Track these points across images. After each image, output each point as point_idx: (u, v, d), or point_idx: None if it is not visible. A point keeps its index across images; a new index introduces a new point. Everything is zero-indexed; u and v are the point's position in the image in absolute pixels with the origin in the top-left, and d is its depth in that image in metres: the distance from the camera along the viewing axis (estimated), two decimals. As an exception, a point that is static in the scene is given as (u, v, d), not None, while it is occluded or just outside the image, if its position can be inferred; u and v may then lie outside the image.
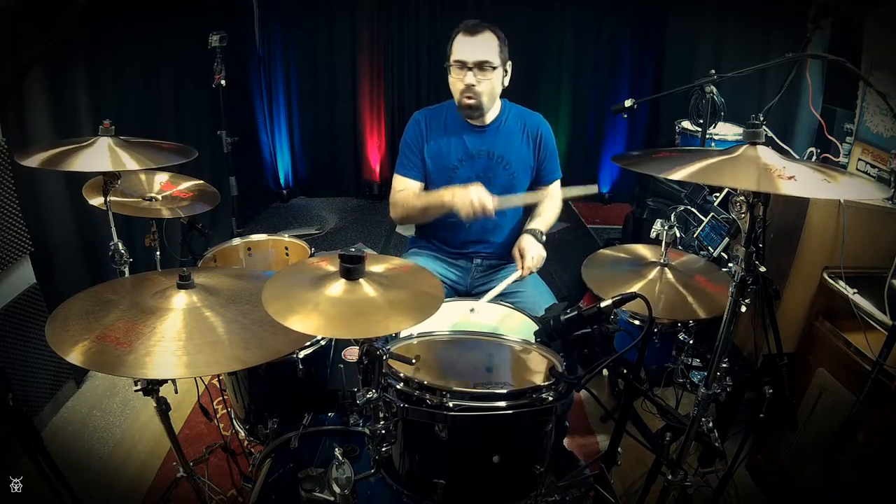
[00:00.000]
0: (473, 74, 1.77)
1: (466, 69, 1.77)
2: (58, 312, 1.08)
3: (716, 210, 2.15)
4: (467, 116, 1.88)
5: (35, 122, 2.20)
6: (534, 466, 1.21)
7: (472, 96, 1.80)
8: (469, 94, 1.80)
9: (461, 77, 1.78)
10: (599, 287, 1.48)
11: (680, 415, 1.33)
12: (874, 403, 1.48)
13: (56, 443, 2.10)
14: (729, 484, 1.56)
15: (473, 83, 1.78)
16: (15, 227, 2.02)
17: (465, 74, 1.77)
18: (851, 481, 1.56)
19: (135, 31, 2.82)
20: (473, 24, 1.79)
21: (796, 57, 2.48)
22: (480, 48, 1.77)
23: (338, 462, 1.09)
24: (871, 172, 2.10)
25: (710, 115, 2.49)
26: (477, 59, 1.76)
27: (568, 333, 1.24)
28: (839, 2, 2.51)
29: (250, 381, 1.58)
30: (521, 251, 1.80)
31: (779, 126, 2.80)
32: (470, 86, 1.78)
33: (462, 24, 1.81)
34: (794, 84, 2.69)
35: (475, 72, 1.77)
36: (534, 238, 1.83)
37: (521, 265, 1.78)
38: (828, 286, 1.76)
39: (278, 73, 4.70)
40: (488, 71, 1.78)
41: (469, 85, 1.78)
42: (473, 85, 1.78)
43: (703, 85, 2.38)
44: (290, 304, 1.00)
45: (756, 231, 1.07)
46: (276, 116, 4.80)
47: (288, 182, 4.99)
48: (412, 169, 1.94)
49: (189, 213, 1.73)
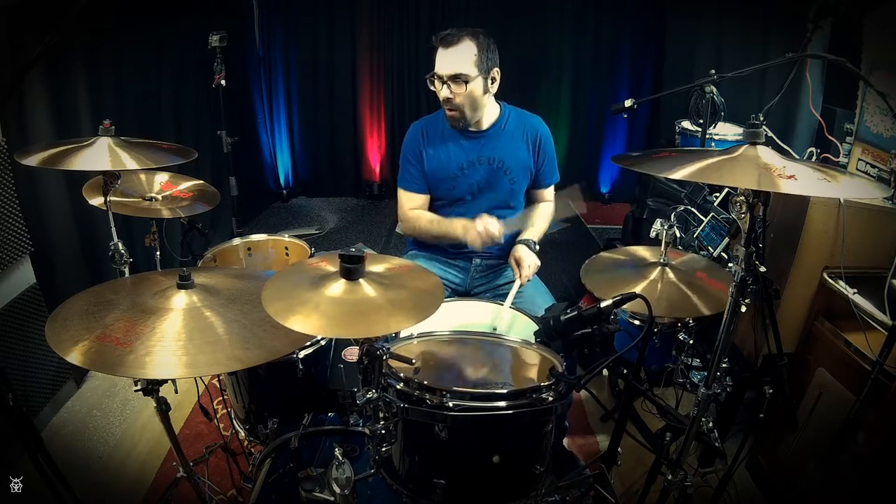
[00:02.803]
0: (448, 88, 1.75)
1: (442, 82, 1.76)
2: (58, 312, 1.08)
3: (716, 210, 2.15)
4: (453, 126, 1.87)
5: (35, 122, 2.20)
6: (534, 466, 1.21)
7: (452, 108, 1.80)
8: (449, 106, 1.80)
9: (438, 89, 1.78)
10: (600, 289, 1.48)
11: (680, 415, 1.33)
12: (874, 403, 1.48)
13: (56, 443, 2.10)
14: (729, 484, 1.57)
15: (450, 96, 1.76)
16: (15, 227, 2.02)
17: (442, 88, 1.76)
18: (851, 481, 1.55)
19: (135, 31, 2.82)
20: (449, 35, 1.74)
21: (796, 57, 2.48)
22: (454, 61, 1.72)
23: (338, 462, 1.09)
24: (871, 172, 2.10)
25: (710, 115, 2.49)
26: (450, 73, 1.73)
27: (568, 333, 1.24)
28: (839, 2, 2.52)
29: (250, 381, 1.58)
30: (518, 261, 1.81)
31: (779, 126, 2.81)
32: (447, 99, 1.77)
33: (440, 34, 1.77)
34: (794, 84, 2.70)
35: (450, 85, 1.74)
36: (528, 248, 1.83)
37: (519, 274, 1.78)
38: (828, 286, 1.75)
39: (278, 73, 4.70)
40: (462, 84, 1.73)
41: (446, 98, 1.77)
42: (451, 98, 1.76)
43: (703, 85, 2.38)
44: (291, 304, 1.00)
45: (756, 231, 1.07)
46: (276, 116, 4.80)
47: (288, 182, 4.99)
48: (415, 182, 1.93)
49: (189, 213, 1.73)
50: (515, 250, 1.83)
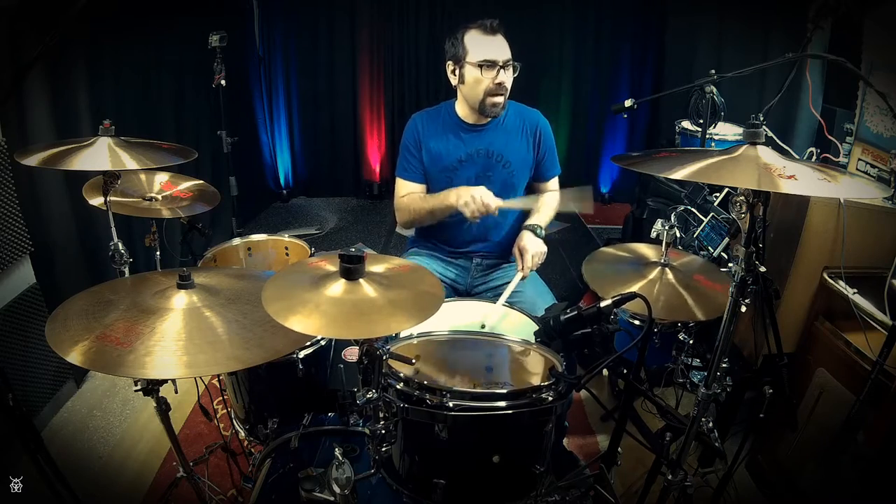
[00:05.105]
0: (504, 72, 1.78)
1: (497, 68, 1.77)
2: (58, 312, 1.08)
3: (716, 210, 2.15)
4: (493, 115, 1.87)
5: (35, 122, 2.20)
6: (534, 466, 1.21)
7: (502, 94, 1.81)
8: (501, 91, 1.81)
9: (491, 76, 1.78)
10: (600, 286, 1.48)
11: (680, 415, 1.33)
12: (874, 403, 1.48)
13: (56, 443, 2.10)
14: (729, 484, 1.56)
15: (505, 80, 1.79)
16: (15, 227, 2.02)
17: (497, 73, 1.78)
18: (851, 481, 1.56)
19: (135, 31, 2.82)
20: (494, 24, 1.79)
21: (796, 57, 2.48)
22: (504, 47, 1.79)
23: (338, 462, 1.09)
24: (871, 172, 2.10)
25: (710, 115, 2.49)
26: (506, 58, 1.78)
27: (568, 333, 1.24)
28: (839, 2, 2.52)
29: (250, 381, 1.58)
30: (521, 250, 1.79)
31: (779, 126, 2.80)
32: (501, 84, 1.79)
33: (477, 22, 1.80)
34: (794, 84, 2.69)
35: (504, 70, 1.78)
36: (533, 234, 1.82)
37: (521, 265, 1.77)
38: (828, 286, 1.75)
39: (278, 73, 4.70)
40: (510, 69, 1.80)
41: (501, 83, 1.79)
42: (503, 82, 1.79)
43: (703, 85, 2.38)
44: (291, 304, 1.00)
45: (756, 231, 1.07)
46: (276, 116, 4.79)
47: (288, 182, 4.99)
48: (413, 172, 1.94)
49: (189, 213, 1.73)
50: (520, 238, 1.82)
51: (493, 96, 1.81)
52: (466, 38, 1.80)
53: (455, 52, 1.83)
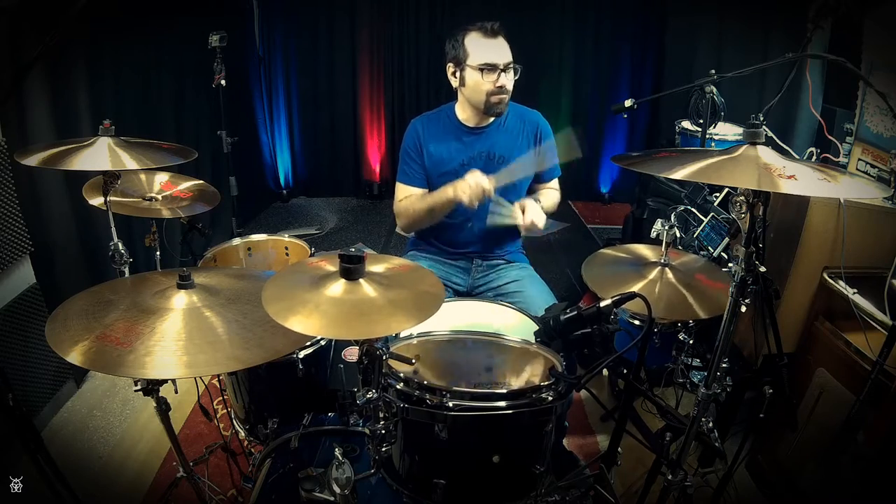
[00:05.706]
0: (505, 75, 1.79)
1: (498, 71, 1.78)
2: (58, 312, 1.08)
3: (716, 210, 2.15)
4: (498, 112, 1.87)
5: (35, 122, 2.20)
6: (534, 466, 1.21)
7: (504, 94, 1.81)
8: (502, 94, 1.81)
9: (492, 79, 1.78)
10: (599, 287, 1.48)
11: (680, 415, 1.33)
12: (874, 403, 1.48)
13: (56, 443, 2.10)
14: (729, 484, 1.56)
15: (506, 83, 1.80)
16: (15, 227, 2.02)
17: (498, 76, 1.78)
18: (851, 481, 1.55)
19: (135, 31, 2.82)
20: (495, 26, 1.79)
21: (796, 57, 2.48)
22: (505, 50, 1.79)
23: (338, 462, 1.09)
24: (871, 172, 2.10)
25: (710, 115, 2.49)
26: (507, 61, 1.78)
27: (568, 333, 1.24)
28: (839, 2, 2.52)
29: (250, 381, 1.58)
30: (523, 207, 1.79)
31: (779, 126, 2.80)
32: (502, 87, 1.79)
33: (478, 24, 1.80)
34: (794, 84, 2.69)
35: (505, 73, 1.79)
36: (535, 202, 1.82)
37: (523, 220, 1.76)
38: (828, 286, 1.75)
39: (278, 73, 4.70)
40: (511, 72, 1.80)
41: (502, 86, 1.79)
42: (505, 85, 1.79)
43: (703, 85, 2.38)
44: (291, 304, 1.00)
45: (756, 231, 1.07)
46: (276, 116, 4.79)
47: (288, 182, 4.99)
48: (413, 177, 1.94)
49: (189, 213, 1.73)
50: (523, 201, 1.82)
51: (497, 98, 1.81)
52: (467, 40, 1.80)
53: (455, 54, 1.83)
